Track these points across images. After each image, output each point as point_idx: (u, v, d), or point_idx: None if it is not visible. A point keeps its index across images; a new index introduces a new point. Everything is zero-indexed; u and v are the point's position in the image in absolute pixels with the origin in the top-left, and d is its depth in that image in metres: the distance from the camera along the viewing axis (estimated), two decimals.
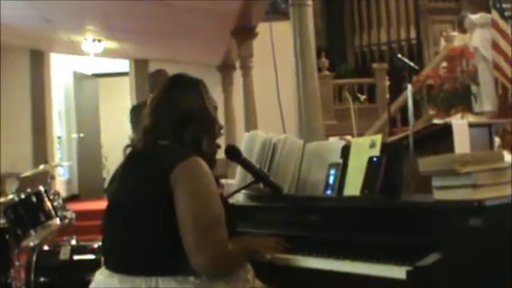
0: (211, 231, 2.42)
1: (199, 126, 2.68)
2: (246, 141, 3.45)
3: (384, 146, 2.83)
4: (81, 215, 6.27)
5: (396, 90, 9.03)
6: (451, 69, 8.21)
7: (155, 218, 2.47)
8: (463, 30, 9.57)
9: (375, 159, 2.79)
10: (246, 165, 3.11)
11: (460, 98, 7.84)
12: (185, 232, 2.40)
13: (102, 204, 2.81)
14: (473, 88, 7.78)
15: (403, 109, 9.08)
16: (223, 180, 3.47)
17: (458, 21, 10.00)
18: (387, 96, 8.77)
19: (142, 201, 2.50)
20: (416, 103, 8.90)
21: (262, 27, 9.55)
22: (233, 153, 3.06)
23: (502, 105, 7.55)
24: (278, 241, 2.79)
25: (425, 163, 2.49)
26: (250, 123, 10.18)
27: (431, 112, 8.69)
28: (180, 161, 2.47)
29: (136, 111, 6.09)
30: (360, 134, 7.69)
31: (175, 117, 2.64)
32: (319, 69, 10.20)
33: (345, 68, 14.50)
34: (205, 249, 2.39)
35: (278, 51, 6.78)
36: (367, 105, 12.32)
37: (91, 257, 4.86)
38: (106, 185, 13.84)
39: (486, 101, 7.59)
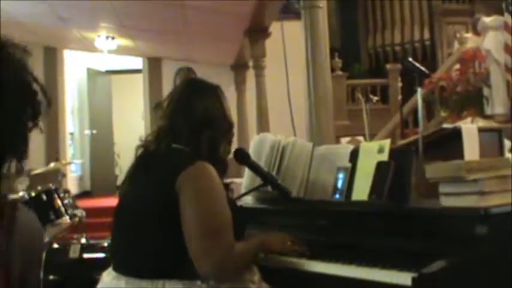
0: (216, 238, 2.42)
1: (218, 129, 2.69)
2: (255, 144, 3.45)
3: (392, 151, 2.83)
4: (92, 211, 6.32)
5: (409, 91, 8.97)
6: (463, 72, 8.18)
7: (162, 222, 2.47)
8: (477, 33, 9.52)
9: (383, 164, 2.79)
10: (255, 168, 3.10)
11: (472, 101, 7.82)
12: (189, 239, 2.41)
13: (114, 201, 2.82)
14: (485, 90, 7.76)
15: (415, 111, 9.04)
16: (233, 181, 3.46)
17: (472, 24, 9.96)
18: (400, 97, 8.73)
19: (150, 205, 2.50)
20: (429, 104, 8.86)
21: (275, 27, 9.54)
22: (242, 156, 3.05)
23: None
24: (296, 243, 2.79)
25: (433, 169, 2.49)
26: (263, 123, 10.19)
27: (444, 114, 8.66)
28: (186, 167, 2.47)
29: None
30: (373, 135, 7.68)
31: (194, 120, 2.64)
32: (333, 70, 10.18)
33: (359, 68, 14.47)
34: (210, 257, 2.40)
35: (291, 50, 6.78)
36: (379, 106, 12.25)
37: (101, 255, 4.86)
38: (118, 182, 13.93)
39: (498, 104, 7.57)
